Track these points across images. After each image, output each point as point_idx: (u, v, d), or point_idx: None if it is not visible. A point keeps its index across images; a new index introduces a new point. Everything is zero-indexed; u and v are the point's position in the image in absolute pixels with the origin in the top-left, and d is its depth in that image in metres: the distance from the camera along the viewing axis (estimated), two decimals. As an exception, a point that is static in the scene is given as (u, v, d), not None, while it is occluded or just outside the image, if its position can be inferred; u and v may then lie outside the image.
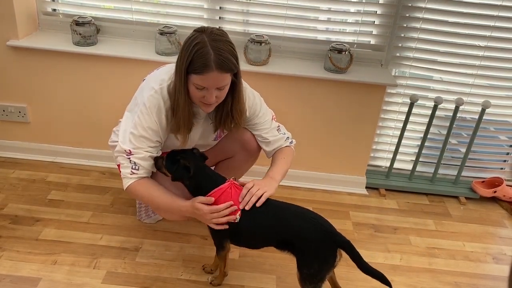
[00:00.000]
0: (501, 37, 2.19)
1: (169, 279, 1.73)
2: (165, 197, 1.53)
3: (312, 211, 1.53)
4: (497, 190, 2.41)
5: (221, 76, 1.40)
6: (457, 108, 2.27)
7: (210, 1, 2.17)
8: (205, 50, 1.36)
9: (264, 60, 2.14)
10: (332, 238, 1.44)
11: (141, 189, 1.54)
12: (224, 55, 1.38)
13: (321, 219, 1.49)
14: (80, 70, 2.17)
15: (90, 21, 2.12)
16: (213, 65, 1.36)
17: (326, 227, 1.46)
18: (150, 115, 1.51)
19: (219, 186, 1.49)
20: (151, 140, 1.53)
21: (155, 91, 1.51)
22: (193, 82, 1.42)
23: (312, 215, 1.49)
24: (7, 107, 2.28)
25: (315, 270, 1.44)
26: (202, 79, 1.39)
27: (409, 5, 2.14)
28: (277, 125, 1.75)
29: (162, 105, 1.51)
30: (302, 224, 1.46)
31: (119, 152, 1.54)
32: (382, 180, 2.46)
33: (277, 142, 1.72)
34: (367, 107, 2.22)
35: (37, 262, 1.74)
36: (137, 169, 1.52)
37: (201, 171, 1.53)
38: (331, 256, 1.43)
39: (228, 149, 1.80)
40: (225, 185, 1.50)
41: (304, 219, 1.47)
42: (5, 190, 2.13)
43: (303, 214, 1.50)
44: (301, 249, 1.46)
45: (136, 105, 1.56)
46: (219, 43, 1.38)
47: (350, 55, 2.13)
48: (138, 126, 1.51)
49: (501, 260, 2.03)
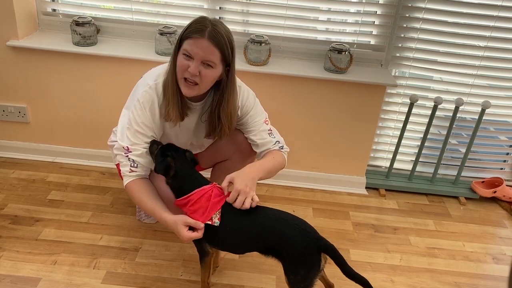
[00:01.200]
0: (501, 37, 2.19)
1: (169, 279, 1.73)
2: (150, 204, 1.51)
3: (293, 215, 1.48)
4: (497, 190, 2.41)
5: (210, 48, 1.41)
6: (457, 108, 2.27)
7: (210, 1, 2.17)
8: (204, 21, 1.42)
9: (264, 60, 2.14)
10: (316, 243, 1.41)
11: (134, 190, 1.53)
12: (219, 32, 1.41)
13: (304, 224, 1.45)
14: (80, 70, 2.17)
15: (90, 21, 2.12)
16: (206, 33, 1.39)
17: (309, 232, 1.42)
18: (143, 110, 1.52)
19: (201, 187, 1.46)
20: (146, 135, 1.54)
21: (150, 86, 1.52)
22: (183, 49, 1.43)
23: (296, 222, 1.44)
24: (7, 107, 2.28)
25: (302, 276, 1.42)
26: (191, 44, 1.41)
27: (409, 5, 2.14)
28: (269, 128, 1.67)
29: (156, 100, 1.53)
30: (285, 230, 1.42)
31: (118, 149, 1.55)
32: (382, 180, 2.46)
33: (265, 145, 1.65)
34: (367, 107, 2.23)
35: (37, 262, 1.74)
36: (135, 166, 1.53)
37: (185, 173, 1.50)
38: (316, 261, 1.41)
39: (224, 151, 1.79)
40: (207, 187, 1.46)
41: (287, 225, 1.43)
42: (5, 190, 2.13)
43: (286, 220, 1.45)
44: (285, 256, 1.42)
45: (131, 102, 1.58)
46: (220, 26, 1.44)
47: (350, 55, 2.13)
48: (132, 122, 1.52)
49: (501, 260, 2.03)
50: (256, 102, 1.68)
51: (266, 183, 2.37)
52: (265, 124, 1.67)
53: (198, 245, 1.53)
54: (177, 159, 1.50)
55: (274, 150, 1.65)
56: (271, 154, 1.63)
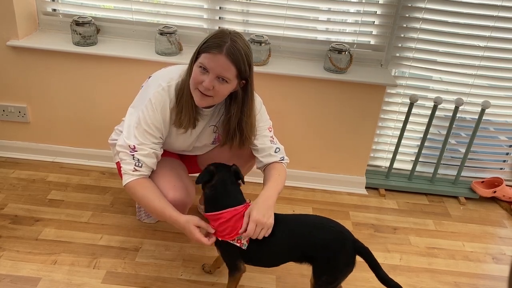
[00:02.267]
0: (500, 37, 2.19)
1: (169, 279, 1.73)
2: (158, 202, 1.50)
3: (326, 218, 1.49)
4: (497, 190, 2.41)
5: (227, 64, 1.40)
6: (457, 108, 2.27)
7: (210, 1, 2.17)
8: (223, 36, 1.41)
9: (264, 60, 2.14)
10: (353, 245, 1.43)
11: (139, 189, 1.52)
12: (238, 48, 1.41)
13: (339, 226, 1.46)
14: (80, 70, 2.17)
15: (90, 21, 2.12)
16: (224, 49, 1.39)
17: (346, 235, 1.44)
18: (155, 111, 1.50)
19: (235, 207, 1.44)
20: (154, 136, 1.53)
21: (163, 88, 1.51)
22: (199, 62, 1.43)
23: (331, 224, 1.46)
24: (7, 107, 2.28)
25: (335, 277, 1.43)
26: (208, 58, 1.40)
27: (409, 5, 2.14)
28: (271, 136, 1.67)
29: (168, 103, 1.51)
30: (324, 235, 1.43)
31: (122, 147, 1.52)
32: (382, 180, 2.46)
33: (266, 150, 1.63)
34: (366, 107, 2.23)
35: (37, 262, 1.74)
36: (140, 166, 1.51)
37: (225, 185, 1.48)
38: (352, 263, 1.43)
39: (223, 156, 1.75)
40: (241, 207, 1.44)
41: (323, 230, 1.44)
42: (5, 190, 2.14)
43: (321, 224, 1.46)
44: (322, 259, 1.43)
45: (141, 101, 1.55)
46: (239, 41, 1.42)
47: (350, 55, 2.13)
48: (142, 122, 1.51)
49: (501, 260, 2.03)
50: (262, 108, 1.67)
51: (266, 183, 2.37)
52: (268, 131, 1.67)
53: (231, 262, 1.51)
54: (220, 170, 1.49)
55: (276, 163, 1.64)
56: (276, 171, 1.60)
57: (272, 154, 1.64)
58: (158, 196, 1.52)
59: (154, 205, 1.50)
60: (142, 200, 1.53)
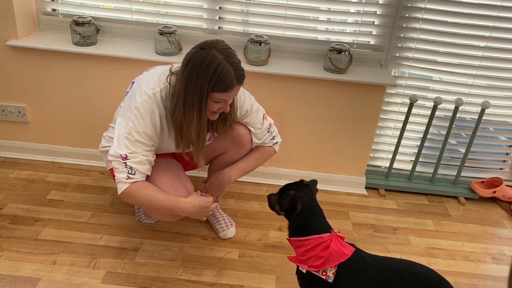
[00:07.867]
0: (500, 37, 2.19)
1: (168, 279, 1.73)
2: (161, 195, 1.53)
3: (419, 264, 1.36)
4: (497, 190, 2.41)
5: (239, 88, 1.52)
6: (457, 108, 2.27)
7: (210, 1, 2.17)
8: (227, 70, 1.43)
9: (264, 60, 2.14)
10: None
11: (138, 190, 1.52)
12: (240, 69, 1.48)
13: (439, 277, 1.31)
14: (79, 70, 2.17)
15: (89, 21, 2.12)
16: (235, 81, 1.47)
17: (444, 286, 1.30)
18: (145, 120, 1.51)
19: (320, 234, 1.36)
20: (146, 144, 1.53)
21: (148, 96, 1.52)
22: (213, 98, 1.48)
23: (428, 275, 1.31)
24: (6, 107, 2.28)
25: None
26: (225, 95, 1.48)
27: (409, 6, 2.14)
28: (268, 124, 1.80)
29: (156, 110, 1.53)
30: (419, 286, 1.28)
31: (113, 156, 1.52)
32: (382, 180, 2.46)
33: (263, 140, 1.82)
34: (366, 108, 2.23)
35: (37, 262, 1.74)
36: (133, 173, 1.51)
37: (311, 210, 1.40)
38: None
39: (220, 146, 1.84)
40: (327, 236, 1.35)
41: (419, 281, 1.29)
42: (4, 190, 2.13)
43: (416, 274, 1.31)
44: None
45: (128, 110, 1.54)
46: (232, 57, 1.47)
47: (350, 55, 2.13)
48: (132, 131, 1.50)
49: (501, 260, 2.03)
50: (252, 99, 1.76)
51: (266, 183, 2.37)
52: (265, 121, 1.78)
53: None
54: (303, 193, 1.40)
55: (266, 147, 1.83)
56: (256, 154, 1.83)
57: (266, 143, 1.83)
58: (158, 190, 1.54)
59: (158, 198, 1.52)
60: (145, 198, 1.53)
